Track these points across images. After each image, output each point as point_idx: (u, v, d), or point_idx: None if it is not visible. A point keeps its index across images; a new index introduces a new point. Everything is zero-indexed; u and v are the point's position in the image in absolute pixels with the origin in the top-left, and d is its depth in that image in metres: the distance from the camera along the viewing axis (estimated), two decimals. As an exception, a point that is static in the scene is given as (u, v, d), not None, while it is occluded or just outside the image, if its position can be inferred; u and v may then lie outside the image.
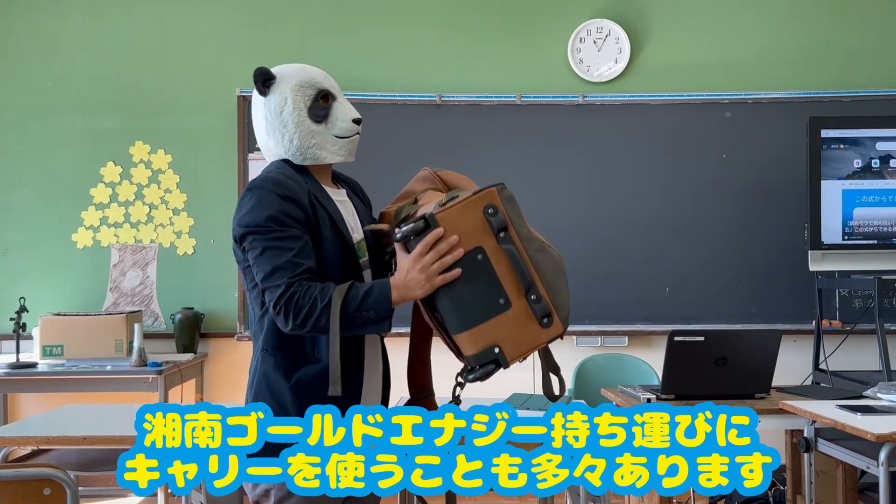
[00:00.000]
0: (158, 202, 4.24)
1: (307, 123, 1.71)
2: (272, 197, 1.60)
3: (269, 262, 1.58)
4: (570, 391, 3.69)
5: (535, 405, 2.49)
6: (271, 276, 1.57)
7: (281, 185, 1.63)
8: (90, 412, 2.57)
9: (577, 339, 4.17)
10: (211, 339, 4.21)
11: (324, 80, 1.74)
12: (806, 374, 3.87)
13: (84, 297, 4.20)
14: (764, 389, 2.65)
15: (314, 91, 1.72)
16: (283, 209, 1.60)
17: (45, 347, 3.71)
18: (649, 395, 2.62)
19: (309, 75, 1.73)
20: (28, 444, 2.29)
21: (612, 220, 4.19)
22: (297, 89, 1.71)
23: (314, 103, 1.72)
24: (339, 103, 1.76)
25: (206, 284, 4.21)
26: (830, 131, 3.67)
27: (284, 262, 1.57)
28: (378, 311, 1.55)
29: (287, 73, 1.73)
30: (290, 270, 1.56)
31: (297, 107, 1.71)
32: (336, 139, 1.75)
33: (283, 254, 1.57)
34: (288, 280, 1.55)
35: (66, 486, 1.73)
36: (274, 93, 1.72)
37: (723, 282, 4.19)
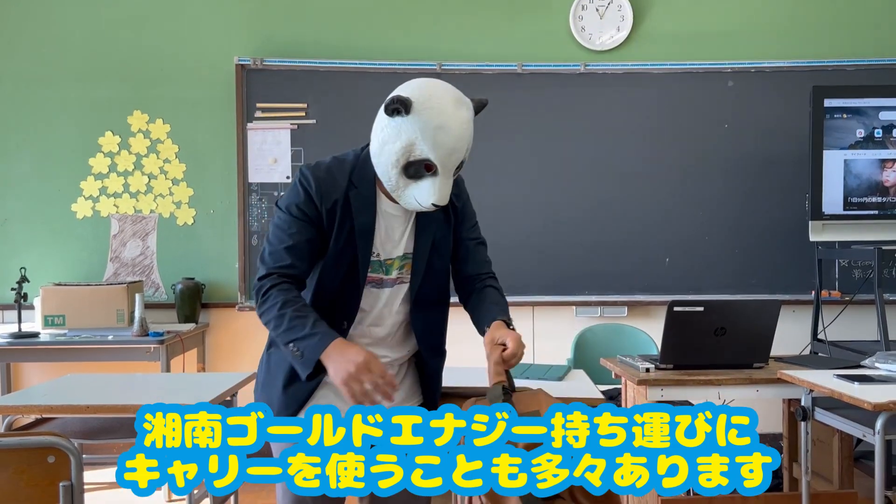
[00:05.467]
0: (157, 172, 4.22)
1: (394, 171, 1.64)
2: (299, 187, 1.71)
3: (270, 243, 1.72)
4: (570, 361, 3.71)
5: (534, 374, 2.50)
6: (265, 257, 1.71)
7: (314, 179, 1.70)
8: (93, 381, 2.59)
9: (577, 309, 4.19)
10: (212, 309, 4.22)
11: (443, 151, 1.60)
12: (804, 345, 3.89)
13: (85, 267, 4.21)
14: (762, 359, 2.66)
15: (424, 157, 1.60)
16: (301, 202, 1.70)
17: (46, 317, 3.73)
18: (648, 365, 2.63)
19: (435, 138, 1.58)
20: (31, 412, 2.30)
21: (612, 190, 4.18)
22: (413, 143, 1.60)
23: (417, 163, 1.61)
24: (435, 181, 1.62)
25: (207, 255, 4.21)
26: (833, 101, 3.64)
27: (279, 250, 1.68)
28: (304, 357, 1.59)
29: (423, 119, 1.58)
30: (277, 262, 1.68)
31: (399, 153, 1.61)
32: (406, 196, 1.67)
33: (282, 242, 1.69)
34: (268, 269, 1.68)
35: (69, 453, 1.74)
36: (396, 121, 1.60)
37: (723, 252, 4.19)
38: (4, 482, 1.72)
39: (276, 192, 4.13)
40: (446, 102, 1.60)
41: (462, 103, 1.64)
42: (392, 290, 1.77)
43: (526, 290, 4.13)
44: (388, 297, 1.77)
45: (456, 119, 1.60)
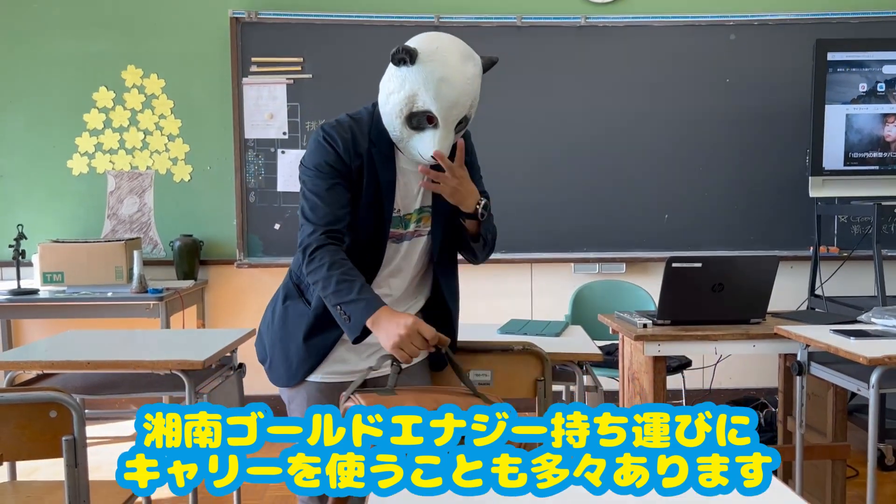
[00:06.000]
0: (153, 128, 4.18)
1: (398, 121, 1.65)
2: (325, 144, 1.71)
3: (308, 199, 1.72)
4: (567, 317, 3.73)
5: (531, 330, 2.52)
6: (308, 213, 1.71)
7: (340, 139, 1.70)
8: (93, 337, 2.60)
9: (575, 266, 4.19)
10: (211, 266, 4.23)
11: (444, 104, 1.61)
12: (802, 300, 3.91)
13: (82, 224, 4.19)
14: (759, 315, 2.67)
15: (426, 109, 1.62)
16: (331, 159, 1.70)
17: (45, 274, 3.73)
18: (645, 321, 2.64)
19: (438, 90, 1.59)
20: (33, 368, 2.32)
21: (612, 146, 4.15)
22: (416, 94, 1.61)
23: (419, 114, 1.62)
24: (436, 133, 1.63)
25: (204, 211, 4.20)
26: (837, 54, 3.59)
27: (320, 205, 1.69)
28: (352, 321, 1.62)
29: (427, 70, 1.60)
30: (321, 218, 1.68)
31: (402, 103, 1.63)
32: (409, 148, 1.68)
33: (321, 197, 1.69)
34: (314, 227, 1.68)
35: (71, 408, 1.76)
36: (402, 71, 1.62)
37: (722, 208, 4.18)
38: (8, 437, 1.74)
39: (273, 149, 4.10)
40: (452, 56, 1.61)
41: (469, 58, 1.65)
42: (410, 242, 1.81)
43: (524, 248, 4.13)
44: (406, 250, 1.81)
45: (460, 73, 1.61)
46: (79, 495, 1.79)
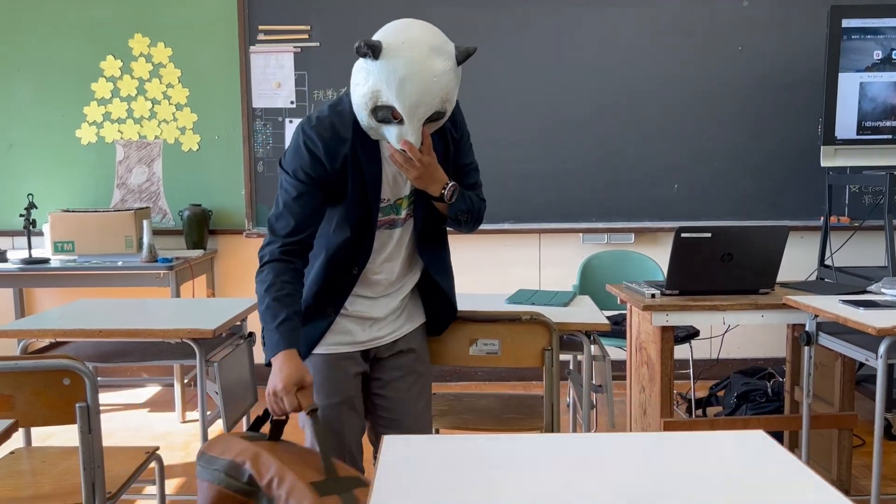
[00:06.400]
0: (161, 97, 4.17)
1: (364, 113, 1.62)
2: (304, 150, 1.68)
3: (277, 207, 1.72)
4: (576, 287, 3.74)
5: (540, 300, 2.52)
6: (272, 222, 1.72)
7: (320, 140, 1.67)
8: (104, 306, 2.63)
9: (584, 236, 4.19)
10: (220, 235, 4.24)
11: (408, 102, 1.55)
12: (811, 270, 3.90)
13: (91, 193, 4.21)
14: (768, 285, 2.67)
15: (389, 105, 1.57)
16: (306, 165, 1.68)
17: (56, 243, 3.75)
18: (653, 291, 2.64)
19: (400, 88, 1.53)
20: (46, 336, 2.35)
21: (620, 113, 4.12)
22: (379, 90, 1.56)
23: (384, 108, 1.58)
24: (402, 128, 1.59)
25: (213, 181, 4.20)
26: (852, 21, 3.53)
27: (286, 217, 1.70)
28: (265, 346, 1.67)
29: (390, 67, 1.53)
30: (283, 230, 1.69)
31: (367, 97, 1.58)
32: (380, 137, 1.66)
33: (289, 208, 1.69)
34: (272, 238, 1.71)
35: (84, 376, 1.78)
36: (367, 64, 1.56)
37: (732, 177, 4.15)
38: (23, 403, 1.77)
39: (280, 118, 4.08)
40: (419, 51, 1.53)
41: (439, 52, 1.55)
42: (403, 227, 1.82)
43: (532, 218, 4.13)
44: (399, 235, 1.82)
45: (427, 70, 1.53)
46: (93, 460, 1.82)
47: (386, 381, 1.88)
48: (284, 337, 1.63)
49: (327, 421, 1.79)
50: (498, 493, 1.10)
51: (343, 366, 1.81)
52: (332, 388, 1.80)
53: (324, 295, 1.78)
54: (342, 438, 1.82)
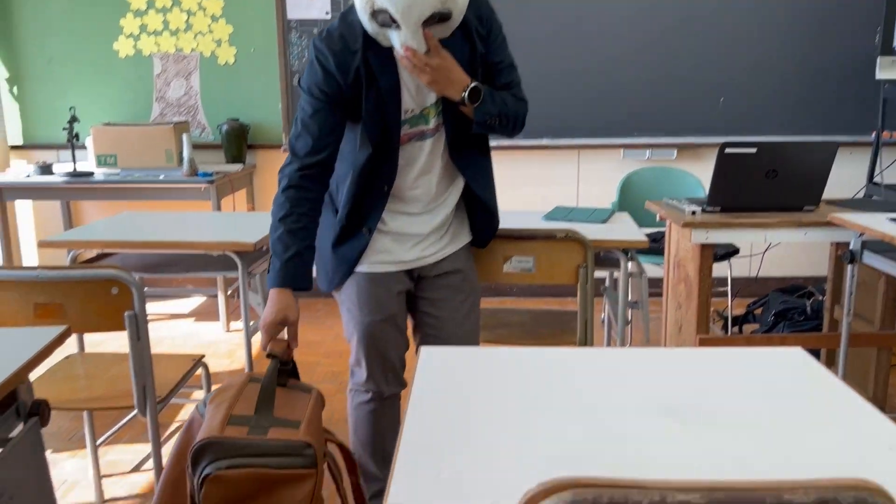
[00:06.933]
0: (196, 8, 4.12)
1: (365, 18, 1.58)
2: (316, 65, 1.67)
3: (296, 126, 1.71)
4: (614, 204, 3.70)
5: (577, 217, 2.50)
6: (293, 143, 1.71)
7: (330, 54, 1.64)
8: (148, 219, 2.68)
9: (624, 151, 4.11)
10: (258, 150, 4.26)
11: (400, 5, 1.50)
12: (859, 188, 3.79)
13: (131, 107, 4.23)
14: (813, 202, 2.60)
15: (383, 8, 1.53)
16: (320, 81, 1.66)
17: (99, 157, 3.81)
18: (694, 208, 2.60)
19: None
20: (93, 247, 2.42)
21: (664, 23, 3.96)
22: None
23: (381, 12, 1.54)
24: (401, 33, 1.55)
25: (250, 95, 4.19)
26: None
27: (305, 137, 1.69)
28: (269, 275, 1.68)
29: None
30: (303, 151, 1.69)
31: (364, 2, 1.55)
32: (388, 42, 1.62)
33: (307, 128, 1.68)
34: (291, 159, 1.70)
35: (131, 285, 1.84)
36: None
37: (781, 91, 4.00)
38: (74, 311, 1.84)
39: (316, 29, 4.02)
40: None
41: None
42: (434, 138, 1.76)
43: (571, 133, 4.05)
44: (431, 146, 1.77)
45: None
46: (143, 366, 1.90)
47: (433, 299, 1.88)
48: (284, 273, 1.65)
49: (371, 337, 1.82)
50: (533, 404, 1.13)
51: (385, 283, 1.82)
52: (374, 305, 1.81)
53: (356, 215, 1.77)
54: (385, 354, 1.85)
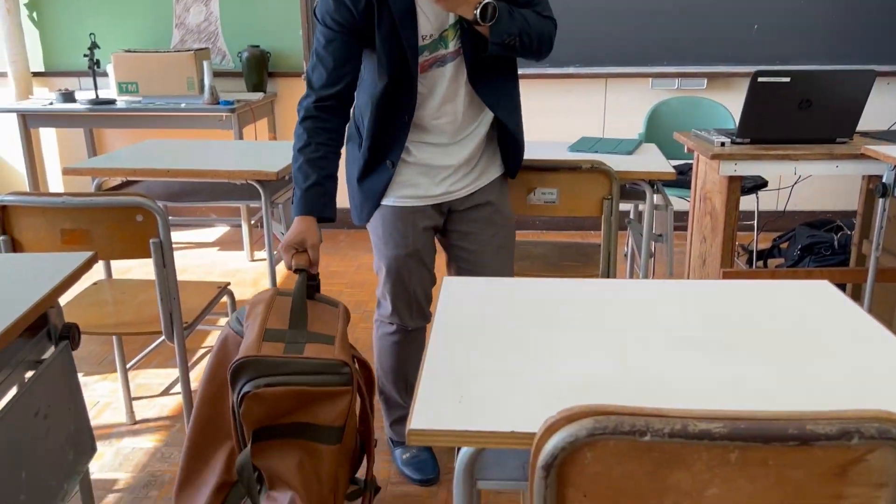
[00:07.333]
0: (214, -70, 4.02)
1: None
2: None
3: (310, 65, 1.72)
4: (641, 135, 3.63)
5: (603, 148, 2.46)
6: (310, 75, 1.71)
7: None
8: (171, 146, 2.68)
9: (653, 81, 4.00)
10: (279, 78, 4.21)
11: None
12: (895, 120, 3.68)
13: (151, 34, 4.18)
14: (847, 134, 2.53)
15: None
16: (332, 10, 1.64)
17: (120, 84, 3.79)
18: (723, 139, 2.54)
19: None
20: (118, 174, 2.43)
21: (702, -52, 3.80)
22: None
23: None
24: None
25: (270, 21, 4.11)
26: None
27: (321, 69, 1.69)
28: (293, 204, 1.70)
29: None
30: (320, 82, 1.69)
31: None
32: None
33: (322, 60, 1.68)
34: (308, 91, 1.71)
35: (156, 213, 1.85)
36: None
37: (817, 16, 3.85)
38: (100, 238, 1.86)
39: (338, -48, 3.90)
40: None
41: None
42: (455, 62, 1.71)
43: (598, 61, 3.94)
44: (453, 72, 1.72)
45: None
46: (169, 293, 1.93)
47: (464, 233, 1.87)
48: (305, 202, 1.66)
49: (396, 272, 1.83)
50: (554, 334, 1.13)
51: (412, 218, 1.81)
52: (400, 239, 1.81)
53: (379, 147, 1.75)
54: (409, 289, 1.86)
